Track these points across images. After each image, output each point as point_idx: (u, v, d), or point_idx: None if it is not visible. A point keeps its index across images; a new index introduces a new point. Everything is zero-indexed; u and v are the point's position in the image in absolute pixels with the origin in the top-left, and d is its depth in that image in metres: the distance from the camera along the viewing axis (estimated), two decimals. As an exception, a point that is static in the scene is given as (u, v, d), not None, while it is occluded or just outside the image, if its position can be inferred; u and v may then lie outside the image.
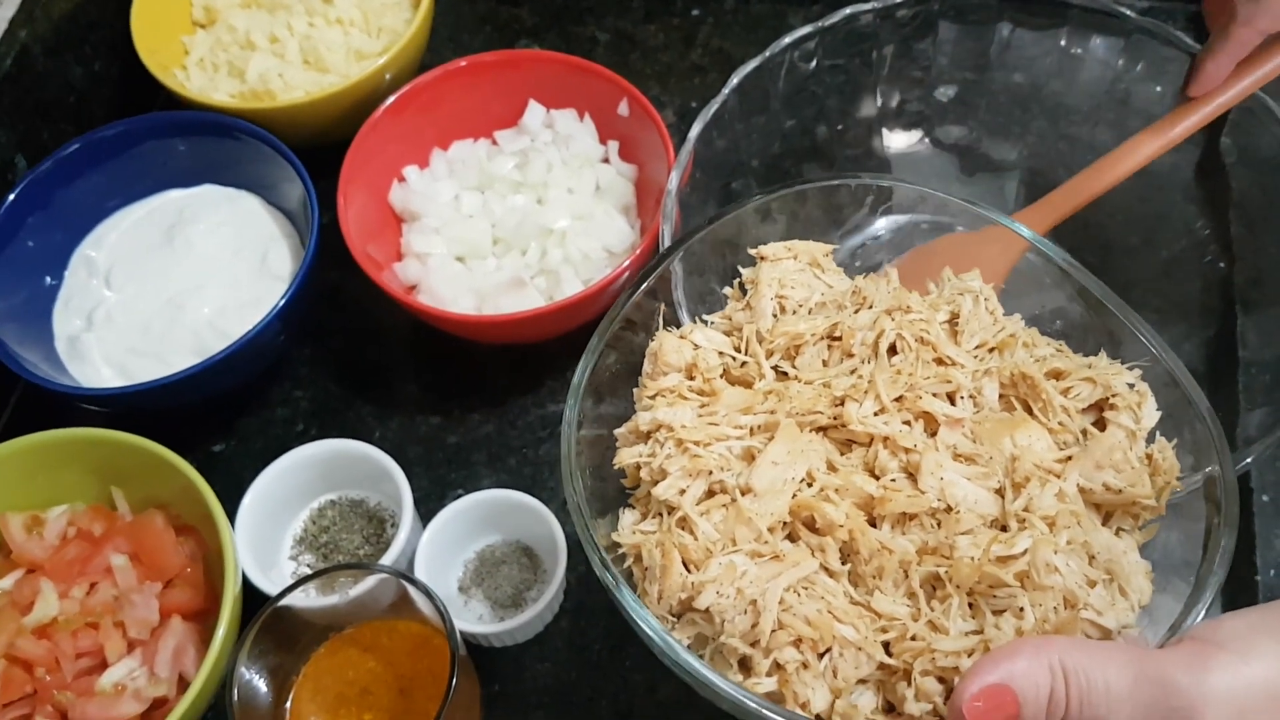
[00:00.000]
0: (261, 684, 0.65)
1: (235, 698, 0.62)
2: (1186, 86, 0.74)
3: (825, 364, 0.59)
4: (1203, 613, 0.50)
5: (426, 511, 0.76)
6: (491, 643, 0.73)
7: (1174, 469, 0.55)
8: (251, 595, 0.71)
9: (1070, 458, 0.54)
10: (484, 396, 0.86)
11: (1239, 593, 0.71)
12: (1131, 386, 0.56)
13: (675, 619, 0.54)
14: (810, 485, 0.54)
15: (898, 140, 0.88)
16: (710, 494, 0.55)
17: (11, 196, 0.84)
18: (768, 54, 0.80)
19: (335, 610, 0.68)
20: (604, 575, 0.53)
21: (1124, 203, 0.81)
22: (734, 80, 0.79)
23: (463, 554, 0.77)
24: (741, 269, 0.65)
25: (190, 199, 0.90)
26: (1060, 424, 0.55)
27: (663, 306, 0.62)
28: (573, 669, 0.74)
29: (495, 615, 0.74)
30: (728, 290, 0.64)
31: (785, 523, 0.54)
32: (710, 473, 0.55)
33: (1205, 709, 0.43)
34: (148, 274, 0.86)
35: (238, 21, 0.96)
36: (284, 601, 0.65)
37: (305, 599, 0.66)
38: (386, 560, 0.72)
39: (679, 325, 0.64)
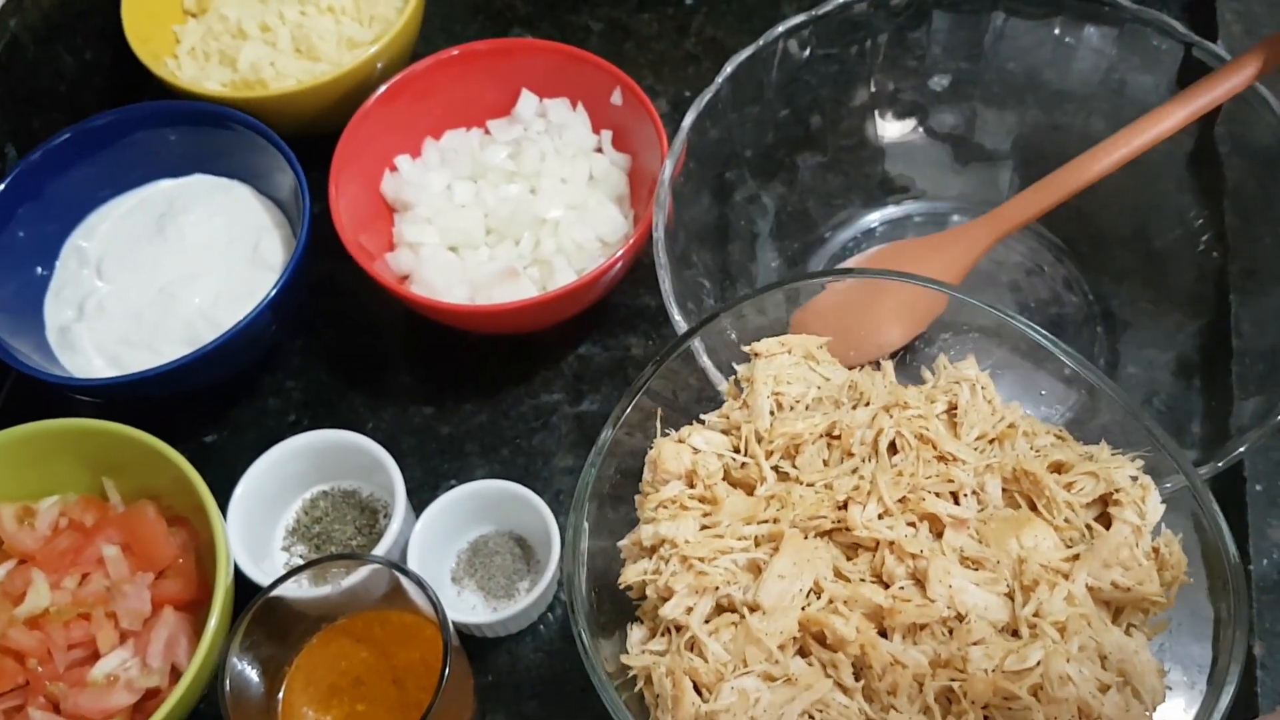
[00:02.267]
0: (254, 675, 0.65)
1: (228, 688, 0.62)
2: None
3: (826, 463, 0.58)
4: (1220, 716, 0.50)
5: (419, 502, 0.76)
6: (485, 633, 0.73)
7: (1181, 563, 0.54)
8: (244, 586, 0.71)
9: (1077, 556, 0.54)
10: (477, 387, 0.86)
11: (1232, 582, 0.71)
12: (1134, 479, 0.56)
13: None
14: (818, 595, 0.53)
15: (891, 129, 0.88)
16: (719, 609, 0.54)
17: (2, 186, 0.84)
18: (761, 43, 0.79)
19: (328, 601, 0.67)
20: (612, 711, 0.53)
21: (1118, 192, 0.81)
22: (727, 69, 0.79)
23: (456, 544, 0.77)
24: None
25: (181, 189, 0.90)
26: (1065, 520, 0.55)
27: (660, 410, 0.61)
28: (566, 659, 0.74)
29: (488, 606, 0.74)
30: (723, 387, 0.63)
31: (795, 638, 0.53)
32: (717, 589, 0.54)
33: None
34: (139, 264, 0.86)
35: (229, 10, 0.96)
36: (276, 592, 0.65)
37: (298, 589, 0.66)
38: (379, 551, 0.72)
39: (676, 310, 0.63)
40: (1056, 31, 0.81)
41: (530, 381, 0.86)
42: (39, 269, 0.87)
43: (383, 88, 0.87)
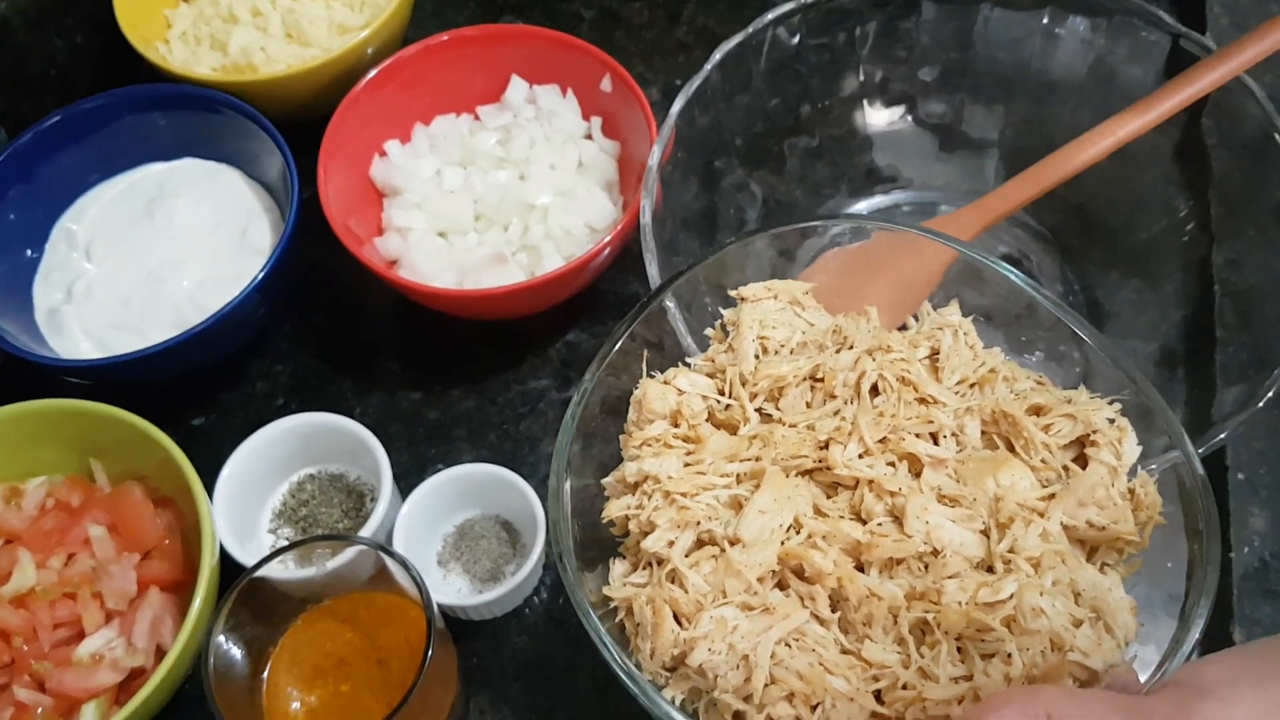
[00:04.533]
0: (238, 655, 0.65)
1: (212, 668, 0.62)
2: None
3: (809, 405, 0.59)
4: (1189, 650, 0.50)
5: (406, 487, 0.76)
6: (470, 616, 0.74)
7: (1156, 504, 0.55)
8: (230, 568, 0.71)
9: (1053, 496, 0.55)
10: (465, 372, 0.86)
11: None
12: (1112, 422, 0.56)
13: (669, 673, 0.54)
14: (798, 532, 0.54)
15: (879, 118, 0.88)
16: (699, 544, 0.55)
17: (-9, 168, 0.84)
18: (750, 30, 0.80)
19: (313, 582, 0.68)
20: (595, 637, 0.53)
21: (1104, 183, 0.81)
22: (716, 56, 0.79)
23: (442, 528, 0.77)
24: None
25: (171, 173, 0.90)
26: (1043, 461, 0.56)
27: (645, 351, 0.62)
28: (550, 642, 0.74)
29: (474, 589, 0.75)
30: (709, 331, 0.64)
31: (774, 571, 0.54)
32: (698, 523, 0.55)
33: None
34: (128, 247, 0.86)
35: (220, -6, 0.96)
36: (261, 572, 0.65)
37: (283, 571, 0.66)
38: (365, 533, 0.72)
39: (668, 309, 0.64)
40: (1045, 22, 0.82)
41: (518, 367, 0.86)
42: (28, 251, 0.87)
43: (373, 73, 0.87)
